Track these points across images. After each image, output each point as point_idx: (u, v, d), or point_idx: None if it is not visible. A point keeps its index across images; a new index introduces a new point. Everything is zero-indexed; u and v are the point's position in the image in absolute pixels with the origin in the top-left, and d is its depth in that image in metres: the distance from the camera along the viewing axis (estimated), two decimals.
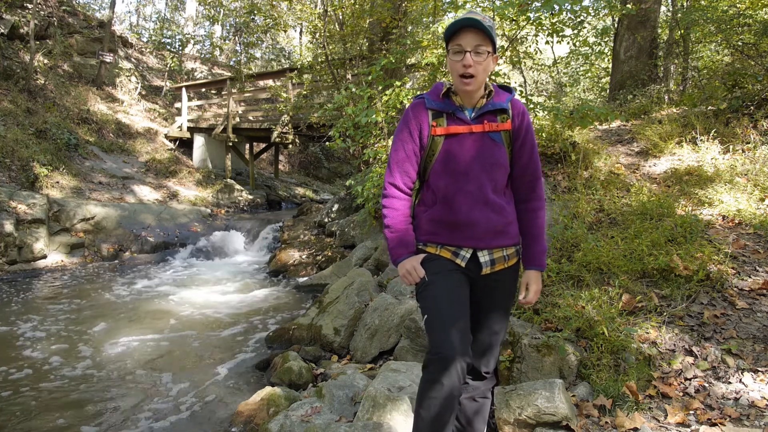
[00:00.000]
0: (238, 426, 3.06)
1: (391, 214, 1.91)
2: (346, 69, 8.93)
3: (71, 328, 4.97)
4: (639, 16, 8.63)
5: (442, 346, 1.71)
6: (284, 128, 11.67)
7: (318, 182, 17.13)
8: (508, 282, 1.92)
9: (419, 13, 8.75)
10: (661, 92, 8.21)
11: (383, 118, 5.41)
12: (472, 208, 1.81)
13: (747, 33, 6.59)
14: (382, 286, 4.94)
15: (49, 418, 3.27)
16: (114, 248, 8.37)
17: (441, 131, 1.83)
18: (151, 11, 28.68)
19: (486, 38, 1.74)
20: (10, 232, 7.15)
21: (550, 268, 3.54)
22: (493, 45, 1.78)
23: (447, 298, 1.80)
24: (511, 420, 2.38)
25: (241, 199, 11.91)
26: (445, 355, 1.69)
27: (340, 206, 8.64)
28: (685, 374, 2.60)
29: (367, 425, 2.41)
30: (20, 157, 9.16)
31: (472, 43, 1.73)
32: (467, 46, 1.74)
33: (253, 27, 16.64)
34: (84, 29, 15.14)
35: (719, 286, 3.12)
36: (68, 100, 12.23)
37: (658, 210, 4.05)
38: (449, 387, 1.69)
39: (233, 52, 22.01)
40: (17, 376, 3.89)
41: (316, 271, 7.11)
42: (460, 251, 1.86)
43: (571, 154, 5.18)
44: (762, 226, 3.73)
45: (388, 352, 3.83)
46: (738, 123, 5.36)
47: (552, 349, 2.79)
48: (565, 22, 6.23)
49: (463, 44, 1.74)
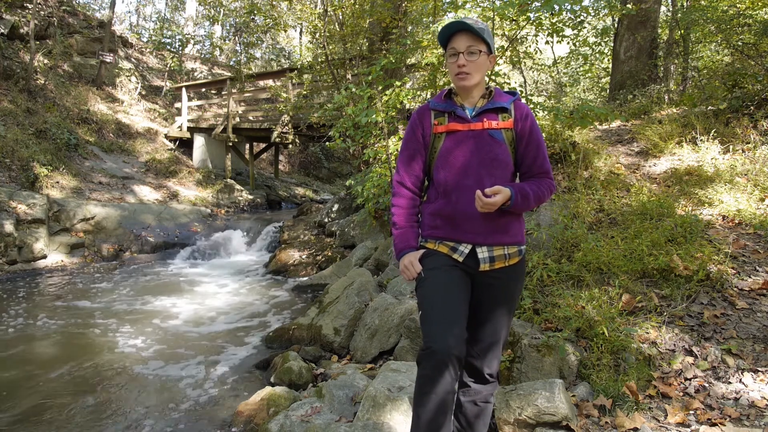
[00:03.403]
0: (238, 426, 3.06)
1: (397, 212, 1.99)
2: (346, 69, 8.93)
3: (71, 328, 4.97)
4: (639, 16, 8.63)
5: (433, 341, 1.73)
6: (284, 128, 11.67)
7: (318, 182, 17.13)
8: (510, 281, 1.92)
9: (419, 13, 8.74)
10: (661, 92, 8.21)
11: (383, 118, 5.41)
12: (470, 201, 1.83)
13: (747, 33, 6.59)
14: (382, 286, 4.94)
15: (48, 418, 3.27)
16: (114, 248, 8.37)
17: (442, 129, 1.92)
18: (151, 11, 28.70)
19: (477, 39, 1.85)
20: (10, 232, 7.15)
21: (550, 268, 3.54)
22: (486, 45, 1.87)
23: (441, 294, 1.82)
24: (511, 420, 2.38)
25: (241, 199, 11.91)
26: (436, 349, 1.71)
27: (340, 206, 8.64)
28: (685, 374, 2.60)
29: (367, 425, 2.41)
30: (20, 157, 9.16)
31: (464, 45, 1.85)
32: (460, 48, 1.85)
33: (253, 27, 16.65)
34: (84, 29, 15.14)
35: (719, 286, 3.12)
36: (68, 100, 12.23)
37: (658, 210, 4.05)
38: (442, 382, 1.70)
39: (233, 52, 22.01)
40: (17, 376, 3.89)
41: (316, 271, 7.11)
42: (459, 246, 1.88)
43: (571, 154, 5.18)
44: (762, 226, 3.73)
45: (388, 352, 3.83)
46: (738, 123, 5.36)
47: (552, 349, 2.79)
48: (565, 22, 6.23)
49: (457, 47, 1.86)
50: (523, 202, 1.83)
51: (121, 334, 4.80)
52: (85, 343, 4.57)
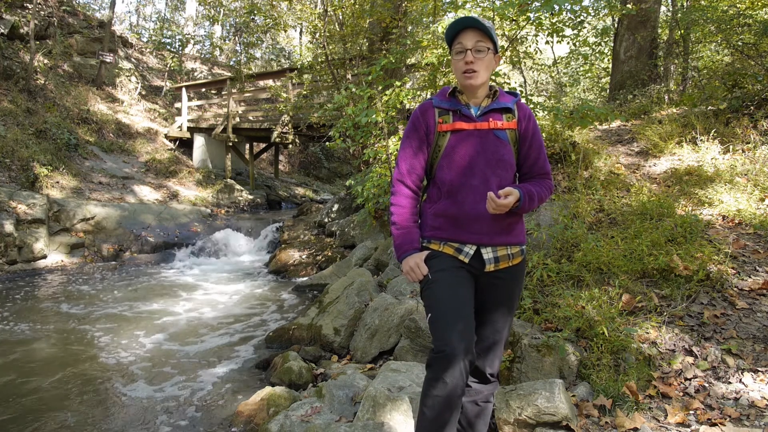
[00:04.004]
0: (238, 426, 3.06)
1: (397, 212, 1.94)
2: (346, 69, 8.93)
3: (71, 328, 4.97)
4: (639, 16, 8.63)
5: (446, 345, 1.71)
6: (284, 128, 11.67)
7: (318, 182, 17.13)
8: (512, 281, 1.92)
9: (419, 13, 8.73)
10: (661, 92, 8.20)
11: (383, 118, 5.41)
12: (476, 202, 1.82)
13: (747, 33, 6.58)
14: (382, 286, 4.94)
15: (48, 418, 3.27)
16: (114, 248, 8.37)
17: (447, 127, 1.88)
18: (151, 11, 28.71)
19: (485, 36, 1.82)
20: (10, 232, 7.15)
21: (550, 268, 3.54)
22: (493, 43, 1.84)
23: (450, 297, 1.80)
24: (511, 420, 2.38)
25: (241, 199, 11.91)
26: (448, 353, 1.69)
27: (340, 206, 8.64)
28: (685, 374, 2.60)
29: (367, 425, 2.41)
30: (20, 157, 9.16)
31: (472, 42, 1.82)
32: (468, 45, 1.82)
33: (253, 27, 16.65)
34: (84, 29, 15.14)
35: (719, 286, 3.12)
36: (68, 100, 12.23)
37: (658, 210, 4.05)
38: (452, 385, 1.69)
39: (233, 52, 22.01)
40: (16, 376, 3.88)
41: (316, 271, 7.12)
42: (464, 247, 1.86)
43: (571, 154, 5.18)
44: (762, 226, 3.73)
45: (388, 352, 3.83)
46: (738, 123, 5.36)
47: (552, 349, 2.79)
48: (565, 22, 6.22)
49: (464, 43, 1.82)
50: (530, 204, 1.83)
51: (119, 335, 4.80)
52: (84, 343, 4.57)
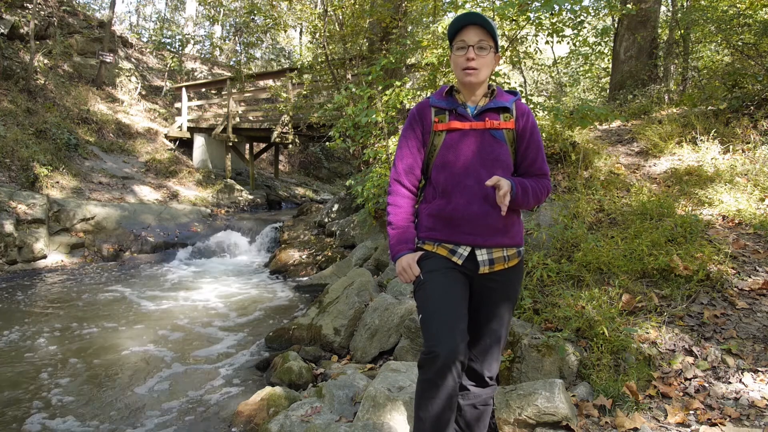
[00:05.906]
0: (238, 426, 3.05)
1: (393, 211, 1.92)
2: (346, 69, 8.93)
3: (71, 328, 4.97)
4: (639, 16, 8.63)
5: (436, 345, 1.69)
6: (284, 128, 11.67)
7: (318, 182, 17.13)
8: (509, 283, 1.90)
9: (419, 13, 8.74)
10: (661, 92, 8.20)
11: (383, 118, 5.41)
12: (470, 202, 1.80)
13: (747, 33, 6.58)
14: (382, 286, 4.94)
15: (48, 418, 3.27)
16: (114, 248, 8.37)
17: (442, 127, 1.86)
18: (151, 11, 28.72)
19: (488, 35, 1.79)
20: (10, 232, 7.15)
21: (550, 268, 3.54)
22: (495, 42, 1.82)
23: (441, 297, 1.78)
24: (511, 420, 2.38)
25: (241, 199, 11.91)
26: (438, 353, 1.67)
27: (340, 206, 8.64)
28: (685, 374, 2.60)
29: (367, 425, 2.41)
30: (20, 157, 9.16)
31: (475, 39, 1.79)
32: (470, 41, 1.79)
33: (253, 27, 16.65)
34: (84, 29, 15.14)
35: (719, 286, 3.12)
36: (68, 100, 12.23)
37: (658, 210, 4.05)
38: (445, 386, 1.68)
39: (233, 52, 22.00)
40: (16, 376, 3.88)
41: (316, 271, 7.11)
42: (458, 249, 1.84)
43: (571, 154, 5.18)
44: (762, 226, 3.73)
45: (388, 352, 3.83)
46: (738, 123, 5.36)
47: (552, 349, 2.79)
48: (565, 22, 6.22)
49: (467, 39, 1.80)
50: (524, 196, 1.80)
51: (120, 335, 4.80)
52: (83, 344, 4.57)
